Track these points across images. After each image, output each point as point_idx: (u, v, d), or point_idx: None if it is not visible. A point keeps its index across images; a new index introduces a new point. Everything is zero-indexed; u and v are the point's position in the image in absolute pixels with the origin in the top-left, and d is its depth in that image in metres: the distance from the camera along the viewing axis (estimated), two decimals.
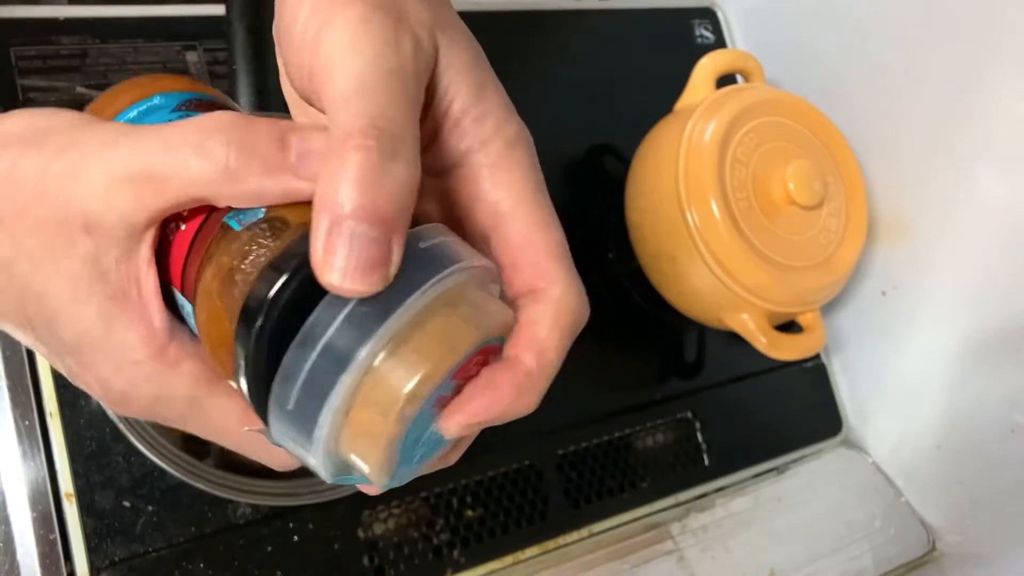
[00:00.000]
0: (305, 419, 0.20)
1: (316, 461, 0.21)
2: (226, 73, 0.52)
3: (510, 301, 0.23)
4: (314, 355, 0.19)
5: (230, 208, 0.23)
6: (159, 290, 0.24)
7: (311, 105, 0.24)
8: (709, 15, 0.73)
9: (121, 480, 0.44)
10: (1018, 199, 0.57)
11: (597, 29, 0.67)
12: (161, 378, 0.24)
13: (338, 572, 0.48)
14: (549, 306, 0.23)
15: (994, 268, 0.59)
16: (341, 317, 0.19)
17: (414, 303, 0.20)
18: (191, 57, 0.52)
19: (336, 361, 0.19)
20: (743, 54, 0.63)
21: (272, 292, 0.20)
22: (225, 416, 0.25)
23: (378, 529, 0.50)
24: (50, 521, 0.43)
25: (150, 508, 0.45)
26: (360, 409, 0.20)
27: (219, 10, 0.49)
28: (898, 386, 0.66)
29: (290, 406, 0.20)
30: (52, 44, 0.49)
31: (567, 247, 0.24)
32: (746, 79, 0.63)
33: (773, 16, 0.71)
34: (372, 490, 0.24)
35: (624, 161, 0.63)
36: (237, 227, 0.22)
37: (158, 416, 0.25)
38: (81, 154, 0.22)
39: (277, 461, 0.26)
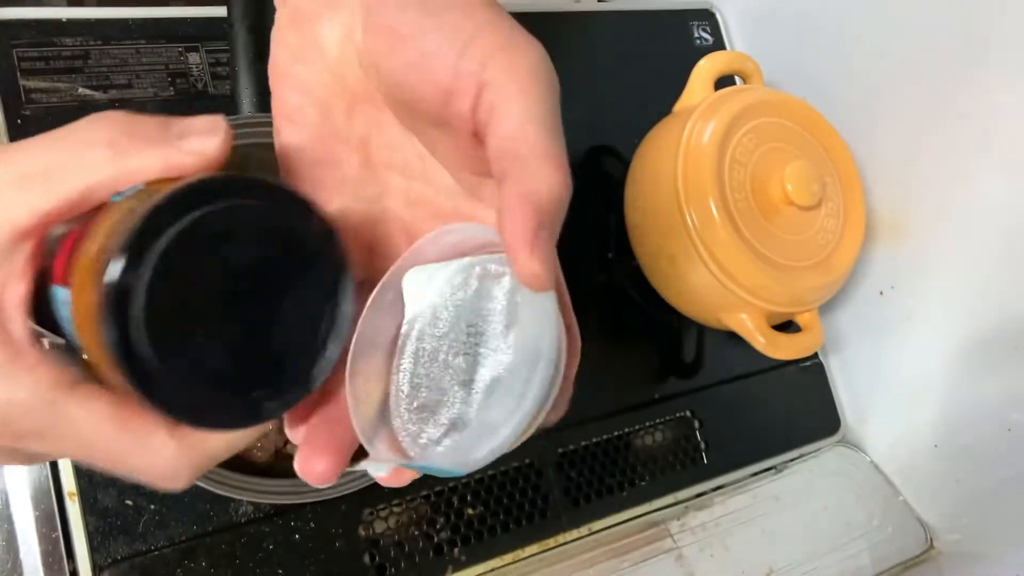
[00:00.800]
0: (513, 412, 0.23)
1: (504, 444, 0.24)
2: (227, 74, 0.52)
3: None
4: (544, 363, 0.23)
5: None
6: (28, 299, 0.23)
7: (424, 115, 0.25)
8: (708, 17, 0.73)
9: (123, 479, 0.45)
10: (1016, 199, 0.57)
11: (597, 30, 0.68)
12: (15, 381, 0.22)
13: (339, 570, 0.48)
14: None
15: (992, 268, 0.59)
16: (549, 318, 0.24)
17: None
18: (193, 58, 0.52)
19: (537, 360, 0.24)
20: (741, 55, 0.64)
21: (146, 237, 0.20)
22: (94, 419, 0.23)
23: (379, 527, 0.50)
24: (53, 520, 0.43)
25: (152, 507, 0.45)
26: None
27: (221, 12, 0.50)
28: (896, 385, 0.67)
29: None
30: (55, 45, 0.49)
31: None
32: (744, 80, 0.64)
33: (771, 18, 0.72)
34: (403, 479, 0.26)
35: (624, 161, 0.63)
36: (117, 199, 0.23)
37: (10, 432, 0.23)
38: None
39: (164, 474, 0.24)
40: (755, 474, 0.65)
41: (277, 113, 0.29)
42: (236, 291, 0.22)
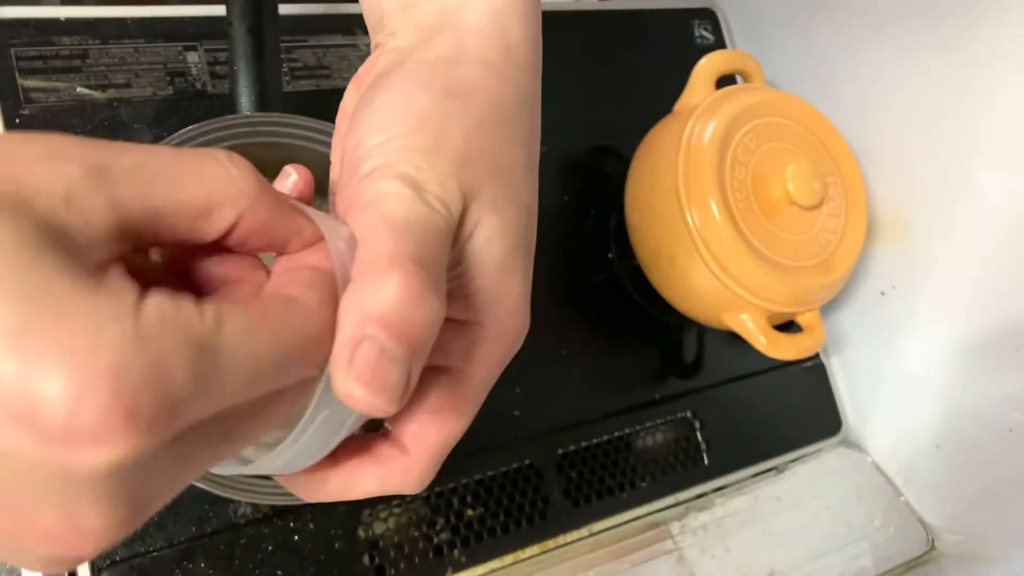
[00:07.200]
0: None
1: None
2: (226, 74, 0.52)
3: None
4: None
5: None
6: None
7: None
8: (709, 15, 0.73)
9: None
10: (1017, 199, 0.57)
11: (597, 29, 0.67)
12: None
13: (338, 571, 0.48)
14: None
15: (993, 268, 0.59)
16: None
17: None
18: (192, 58, 0.52)
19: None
20: (742, 54, 0.63)
21: None
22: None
23: (378, 528, 0.50)
24: None
25: None
26: None
27: (220, 10, 0.49)
28: (897, 385, 0.66)
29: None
30: (53, 44, 0.49)
31: None
32: (745, 79, 0.64)
33: (773, 16, 0.71)
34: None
35: (624, 161, 0.63)
36: None
37: None
38: None
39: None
40: (756, 475, 0.65)
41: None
42: None
